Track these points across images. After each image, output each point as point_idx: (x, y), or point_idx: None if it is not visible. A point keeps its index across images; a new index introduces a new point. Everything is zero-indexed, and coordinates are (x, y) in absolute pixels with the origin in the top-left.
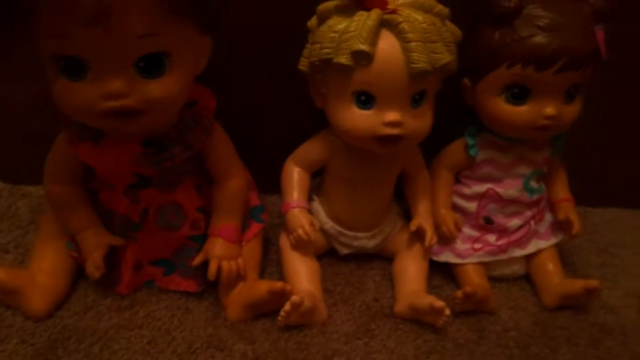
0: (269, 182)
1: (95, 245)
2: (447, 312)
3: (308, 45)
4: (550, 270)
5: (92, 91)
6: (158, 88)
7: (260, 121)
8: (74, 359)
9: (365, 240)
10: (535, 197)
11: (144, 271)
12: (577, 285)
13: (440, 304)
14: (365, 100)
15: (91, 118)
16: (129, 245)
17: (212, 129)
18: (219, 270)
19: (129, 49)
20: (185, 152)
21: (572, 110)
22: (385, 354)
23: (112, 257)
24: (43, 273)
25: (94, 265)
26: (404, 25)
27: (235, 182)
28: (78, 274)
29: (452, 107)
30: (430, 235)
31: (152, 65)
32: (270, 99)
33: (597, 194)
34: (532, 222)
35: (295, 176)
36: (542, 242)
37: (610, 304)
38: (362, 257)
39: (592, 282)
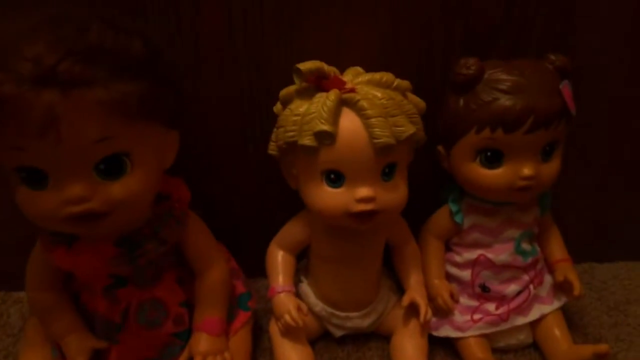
0: (258, 266)
1: (78, 350)
2: None
3: (275, 130)
4: (557, 336)
5: (54, 198)
6: (120, 189)
7: (242, 206)
8: None
9: (359, 320)
10: (529, 259)
11: None
12: (586, 351)
13: None
14: (335, 178)
15: (56, 224)
16: (112, 348)
17: (185, 220)
18: None
19: (85, 154)
20: (159, 248)
21: (551, 167)
22: None
23: None
24: None
25: None
26: (363, 103)
27: (215, 272)
28: None
29: (436, 173)
30: (424, 310)
31: (112, 167)
32: (250, 183)
33: (602, 248)
34: (531, 287)
35: (279, 259)
36: (545, 307)
37: None
38: (359, 338)
39: (602, 347)
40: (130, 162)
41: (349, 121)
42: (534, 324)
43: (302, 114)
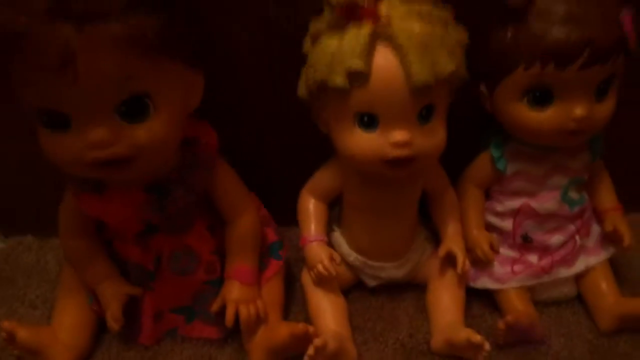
0: (290, 214)
1: (113, 296)
2: (487, 346)
3: (304, 70)
4: (603, 289)
5: (78, 142)
6: (145, 132)
7: (272, 152)
8: None
9: (393, 270)
10: (576, 209)
11: (166, 320)
12: (635, 304)
13: (478, 338)
14: (369, 121)
15: (82, 169)
16: (146, 295)
17: (213, 165)
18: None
19: (106, 94)
20: (188, 194)
21: (605, 108)
22: None
23: (134, 308)
24: (65, 329)
25: (113, 317)
26: (399, 36)
27: (246, 220)
28: (101, 327)
29: (476, 115)
30: (462, 260)
31: (135, 109)
32: (280, 128)
33: None
34: (577, 237)
35: (310, 208)
36: (592, 259)
37: None
38: (393, 288)
39: None
40: (152, 104)
41: (383, 58)
42: (579, 277)
43: (332, 52)
